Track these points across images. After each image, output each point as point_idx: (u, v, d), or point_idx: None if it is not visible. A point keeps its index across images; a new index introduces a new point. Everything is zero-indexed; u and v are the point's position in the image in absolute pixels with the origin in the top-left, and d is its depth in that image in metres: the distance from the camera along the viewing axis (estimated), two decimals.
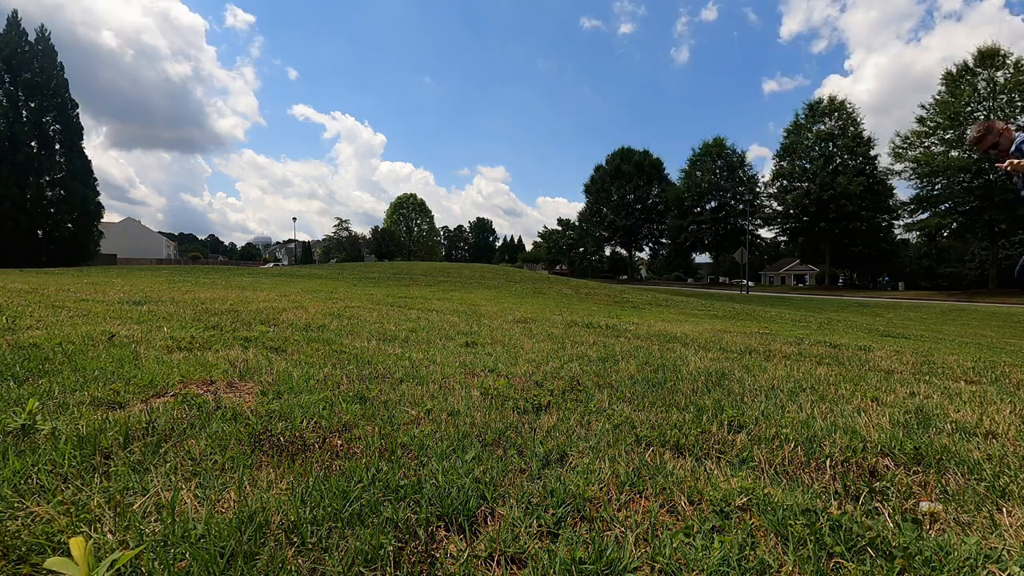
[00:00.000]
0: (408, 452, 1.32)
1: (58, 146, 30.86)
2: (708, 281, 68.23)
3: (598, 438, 1.46)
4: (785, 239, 62.68)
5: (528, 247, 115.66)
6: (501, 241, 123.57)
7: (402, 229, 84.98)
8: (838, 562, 0.90)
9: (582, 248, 79.93)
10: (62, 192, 30.44)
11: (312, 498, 1.04)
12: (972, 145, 3.90)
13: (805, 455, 1.39)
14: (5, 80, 29.25)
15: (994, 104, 39.67)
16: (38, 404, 1.48)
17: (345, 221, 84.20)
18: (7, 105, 28.91)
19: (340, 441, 1.39)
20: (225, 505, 1.02)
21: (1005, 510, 1.10)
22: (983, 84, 40.23)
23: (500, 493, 1.11)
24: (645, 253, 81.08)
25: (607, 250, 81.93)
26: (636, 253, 78.74)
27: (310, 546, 0.90)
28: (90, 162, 31.82)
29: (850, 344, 3.94)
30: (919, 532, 1.00)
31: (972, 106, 40.51)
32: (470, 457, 1.28)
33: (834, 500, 1.13)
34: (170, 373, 2.00)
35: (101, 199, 32.59)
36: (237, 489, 1.07)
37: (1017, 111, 39.13)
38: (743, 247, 40.32)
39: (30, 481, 1.09)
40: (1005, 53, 39.33)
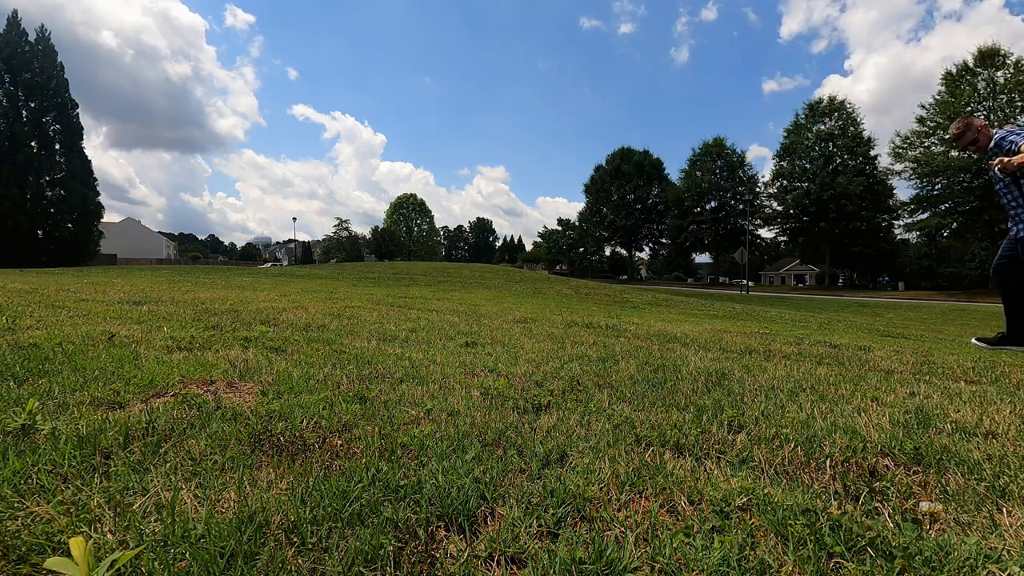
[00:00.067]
0: (408, 452, 1.32)
1: (58, 146, 30.87)
2: (708, 281, 68.24)
3: (598, 438, 1.46)
4: (785, 239, 62.70)
5: (528, 247, 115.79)
6: (501, 241, 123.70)
7: (402, 229, 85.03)
8: (838, 562, 0.90)
9: (582, 248, 79.95)
10: (62, 192, 30.46)
11: (312, 498, 1.04)
12: (952, 141, 4.01)
13: (805, 455, 1.39)
14: (5, 80, 29.26)
15: (994, 104, 39.66)
16: (38, 404, 1.48)
17: (345, 221, 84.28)
18: (7, 105, 28.92)
19: (340, 441, 1.39)
20: (225, 505, 1.02)
21: (1005, 510, 1.10)
22: (983, 84, 40.22)
23: (500, 493, 1.11)
24: (645, 253, 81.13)
25: (607, 250, 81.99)
26: (636, 253, 78.76)
27: (310, 546, 0.90)
28: (90, 162, 31.83)
29: (850, 344, 3.94)
30: (919, 532, 1.00)
31: (972, 106, 40.48)
32: (470, 457, 1.28)
33: (834, 500, 1.13)
34: (170, 373, 2.00)
35: (101, 199, 32.63)
36: (237, 489, 1.07)
37: (1017, 111, 39.11)
38: (743, 247, 40.33)
39: (30, 481, 1.09)
40: (1005, 53, 39.30)
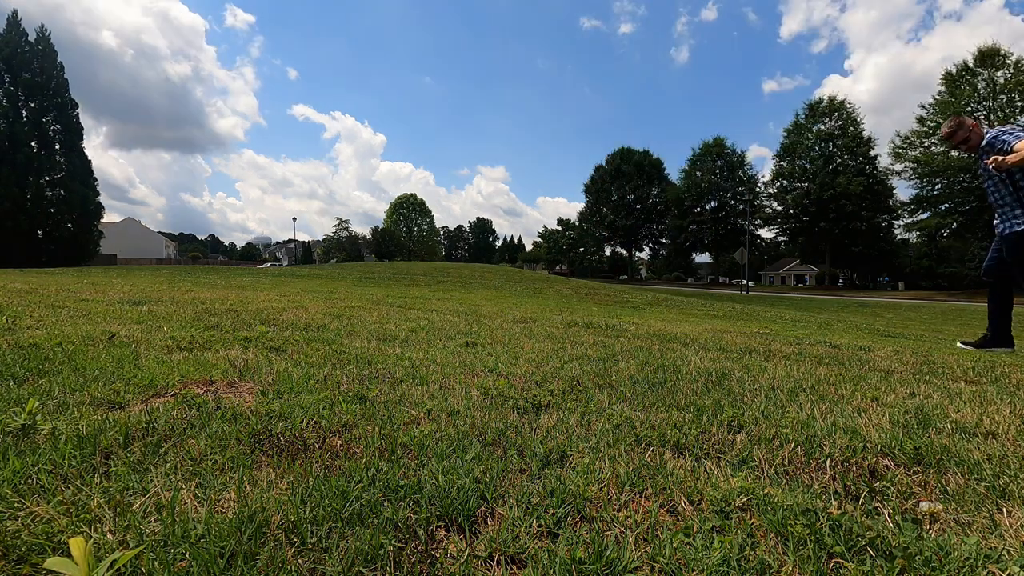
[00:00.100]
0: (408, 452, 1.32)
1: (58, 146, 30.87)
2: (708, 281, 68.23)
3: (598, 438, 1.46)
4: (785, 239, 62.70)
5: (528, 247, 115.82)
6: (501, 241, 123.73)
7: (402, 229, 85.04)
8: (838, 562, 0.90)
9: (582, 248, 79.94)
10: (62, 192, 30.45)
11: (312, 498, 1.04)
12: (944, 140, 4.15)
13: (805, 455, 1.39)
14: (5, 80, 29.25)
15: (994, 104, 39.65)
16: (38, 404, 1.48)
17: (345, 221, 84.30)
18: (7, 105, 28.92)
19: (340, 441, 1.39)
20: (225, 505, 1.02)
21: (1005, 510, 1.10)
22: (983, 84, 40.20)
23: (500, 493, 1.11)
24: (645, 253, 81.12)
25: (607, 250, 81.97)
26: (636, 253, 78.75)
27: (310, 546, 0.90)
28: (90, 162, 31.82)
29: (850, 344, 3.94)
30: (919, 532, 1.00)
31: (972, 106, 40.47)
32: (470, 457, 1.28)
33: (834, 500, 1.13)
34: (170, 373, 2.00)
35: (101, 199, 32.62)
36: (237, 489, 1.07)
37: (1017, 111, 39.09)
38: (743, 247, 40.33)
39: (30, 481, 1.09)
40: (1005, 53, 39.28)
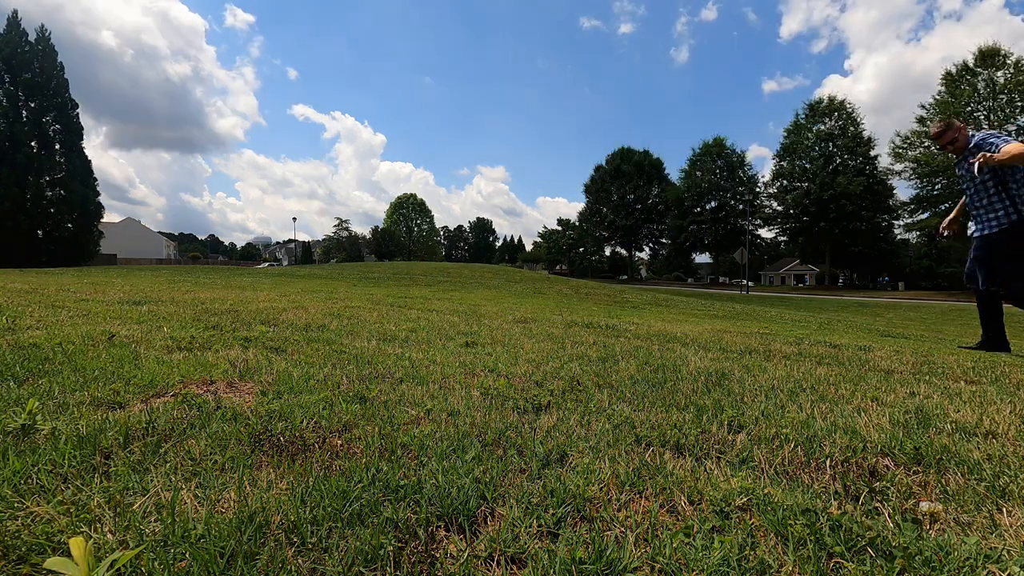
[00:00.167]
0: (408, 452, 1.32)
1: (58, 146, 30.87)
2: (708, 281, 68.24)
3: (598, 438, 1.46)
4: (785, 239, 62.73)
5: (528, 247, 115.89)
6: (501, 241, 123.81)
7: (402, 229, 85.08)
8: (838, 562, 0.90)
9: (582, 248, 79.96)
10: (62, 192, 30.46)
11: (312, 498, 1.04)
12: (933, 139, 4.31)
13: (805, 455, 1.39)
14: (5, 80, 29.26)
15: (994, 104, 39.66)
16: (38, 404, 1.48)
17: (345, 221, 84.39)
18: (7, 105, 28.92)
19: (340, 441, 1.39)
20: (225, 505, 1.02)
21: (1005, 510, 1.10)
22: (983, 84, 40.20)
23: (500, 493, 1.11)
24: (645, 253, 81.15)
25: (607, 250, 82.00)
26: (636, 253, 78.76)
27: (310, 546, 0.90)
28: (90, 162, 31.83)
29: (850, 344, 3.94)
30: (919, 532, 1.00)
31: (972, 106, 40.47)
32: (470, 457, 1.28)
33: (834, 500, 1.13)
34: (170, 373, 2.00)
35: (101, 199, 32.64)
36: (237, 489, 1.07)
37: (1017, 111, 39.11)
38: (743, 247, 40.33)
39: (30, 481, 1.09)
40: (1005, 53, 39.28)
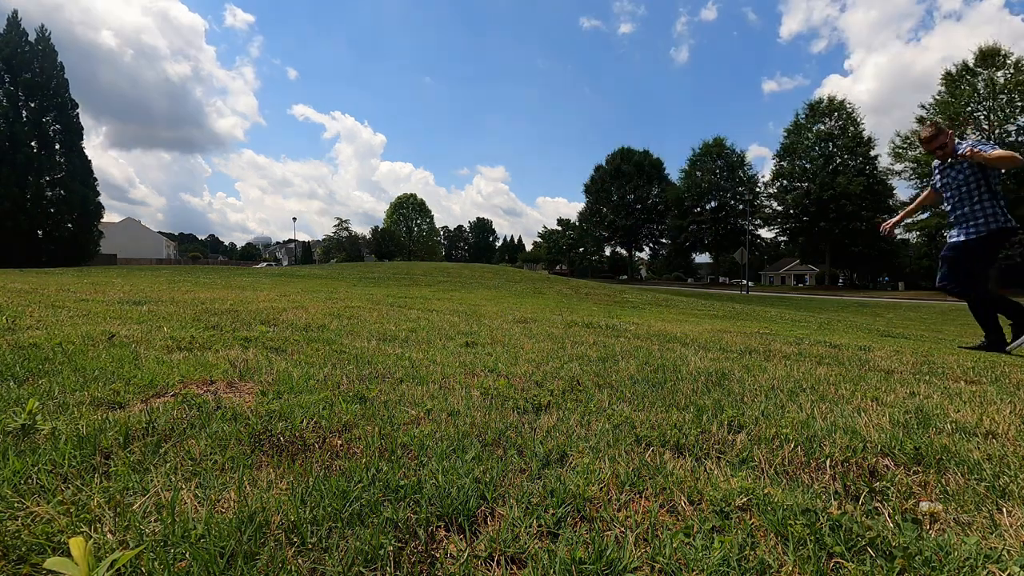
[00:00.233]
0: (408, 452, 1.32)
1: (58, 146, 30.87)
2: (708, 281, 68.25)
3: (598, 438, 1.46)
4: (785, 239, 62.75)
5: (528, 247, 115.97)
6: (501, 241, 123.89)
7: (402, 229, 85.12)
8: (838, 562, 0.90)
9: (582, 248, 79.98)
10: (62, 192, 30.46)
11: (312, 498, 1.04)
12: (923, 142, 4.44)
13: (805, 455, 1.39)
14: (5, 80, 29.26)
15: (994, 104, 39.66)
16: (38, 404, 1.48)
17: (345, 221, 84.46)
18: (7, 105, 28.92)
19: (340, 441, 1.39)
20: (225, 505, 1.02)
21: (1005, 510, 1.10)
22: (983, 84, 40.19)
23: (500, 493, 1.11)
24: (645, 253, 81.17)
25: (607, 250, 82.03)
26: (636, 253, 78.77)
27: (310, 546, 0.90)
28: (90, 162, 31.84)
29: (850, 344, 3.94)
30: (919, 532, 1.00)
31: (972, 106, 40.48)
32: (470, 457, 1.28)
33: (834, 500, 1.13)
34: (170, 373, 2.00)
35: (101, 199, 32.64)
36: (237, 489, 1.07)
37: (1017, 111, 39.11)
38: (743, 247, 40.34)
39: (30, 481, 1.09)
40: (1006, 53, 39.29)
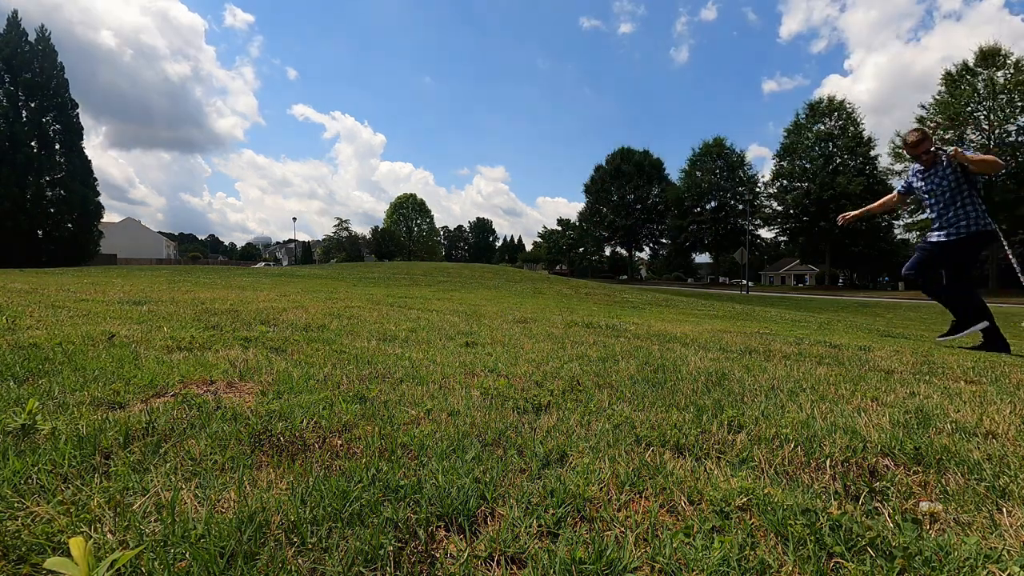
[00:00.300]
0: (408, 452, 1.32)
1: (58, 146, 30.90)
2: (708, 281, 68.27)
3: (598, 438, 1.46)
4: (785, 239, 62.78)
5: (528, 247, 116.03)
6: (501, 241, 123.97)
7: (402, 229, 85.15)
8: (838, 562, 0.90)
9: (582, 248, 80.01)
10: (62, 192, 30.48)
11: (312, 498, 1.04)
12: (910, 146, 4.52)
13: (805, 455, 1.39)
14: (5, 80, 29.27)
15: (994, 104, 39.67)
16: (38, 404, 1.48)
17: (345, 221, 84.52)
18: (7, 105, 28.94)
19: (340, 441, 1.39)
20: (225, 505, 1.02)
21: (1005, 510, 1.10)
22: (983, 84, 40.21)
23: (500, 493, 1.11)
24: (645, 253, 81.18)
25: (607, 250, 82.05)
26: (636, 253, 78.78)
27: (310, 546, 0.90)
28: (90, 162, 31.87)
29: (850, 344, 3.94)
30: (919, 532, 1.00)
31: (972, 106, 40.49)
32: (470, 457, 1.28)
33: (834, 500, 1.13)
34: (170, 373, 2.00)
35: (101, 199, 32.69)
36: (237, 489, 1.07)
37: (1017, 111, 39.12)
38: (743, 247, 40.35)
39: (30, 481, 1.09)
40: (1006, 53, 39.30)
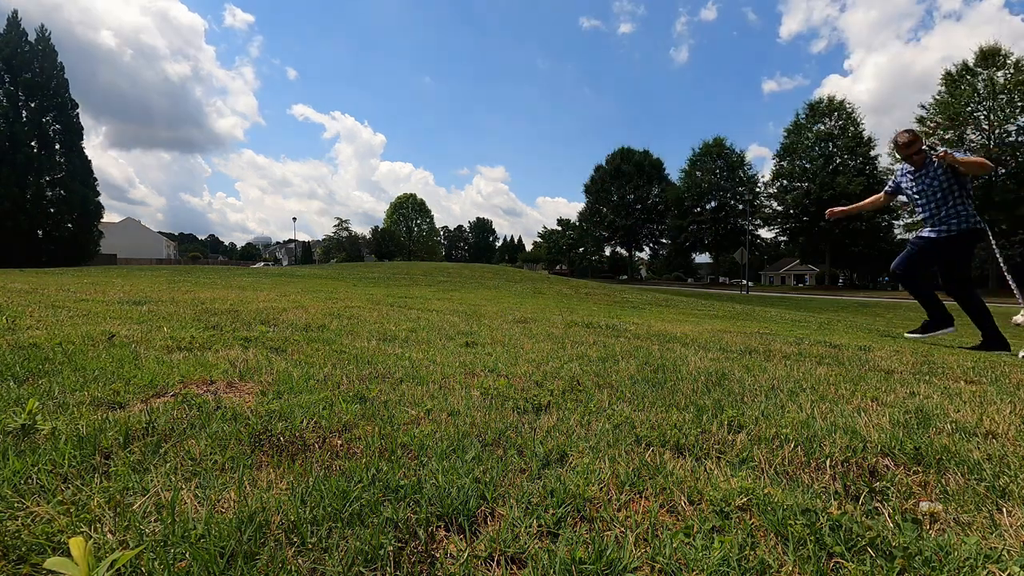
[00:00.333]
0: (408, 452, 1.32)
1: (58, 146, 30.91)
2: (708, 281, 68.28)
3: (598, 438, 1.46)
4: (785, 239, 62.78)
5: (528, 247, 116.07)
6: (501, 241, 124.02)
7: (402, 229, 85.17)
8: (838, 562, 0.90)
9: (582, 248, 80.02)
10: (62, 192, 30.49)
11: (312, 498, 1.04)
12: (901, 146, 4.59)
13: (805, 455, 1.39)
14: (5, 80, 29.27)
15: (994, 104, 39.66)
16: (38, 404, 1.48)
17: (345, 221, 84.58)
18: (7, 105, 28.94)
19: (340, 441, 1.39)
20: (225, 505, 1.02)
21: (1005, 510, 1.10)
22: (983, 84, 40.20)
23: (500, 493, 1.11)
24: (645, 253, 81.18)
25: (607, 250, 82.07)
26: (636, 253, 78.77)
27: (310, 546, 0.90)
28: (90, 162, 31.88)
29: (850, 344, 3.94)
30: (919, 532, 1.00)
31: (972, 106, 40.48)
32: (470, 457, 1.28)
33: (834, 500, 1.13)
34: (170, 373, 2.00)
35: (101, 199, 32.71)
36: (237, 489, 1.07)
37: (1017, 111, 39.11)
38: (743, 247, 40.36)
39: (30, 481, 1.09)
40: (1006, 53, 39.29)
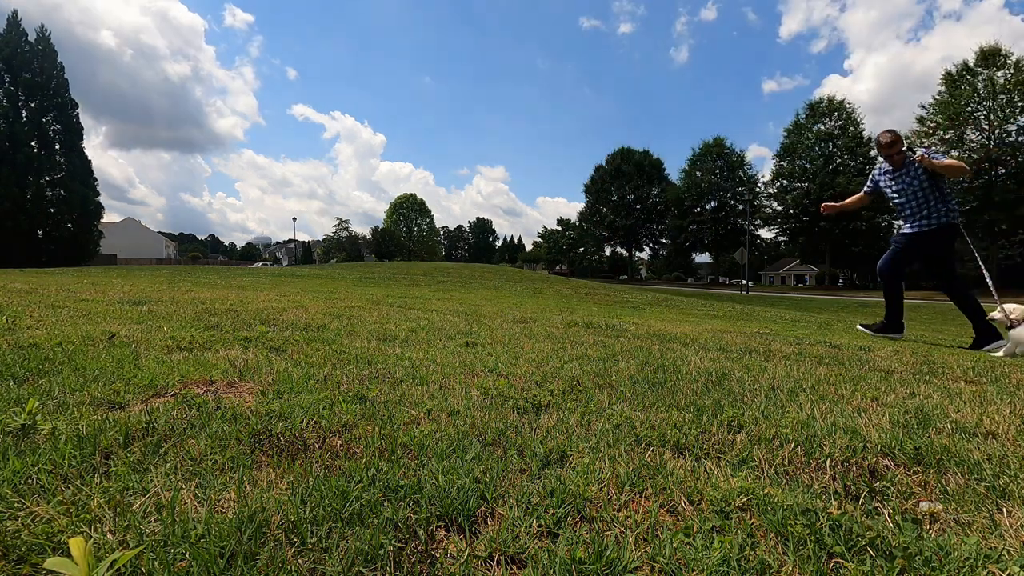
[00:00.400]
0: (408, 452, 1.32)
1: (58, 146, 30.91)
2: (708, 281, 68.29)
3: (598, 438, 1.46)
4: (785, 239, 62.81)
5: (528, 247, 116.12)
6: (501, 241, 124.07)
7: (402, 229, 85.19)
8: (838, 562, 0.90)
9: (582, 248, 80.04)
10: (62, 192, 30.49)
11: (312, 498, 1.04)
12: (884, 145, 4.66)
13: (805, 455, 1.39)
14: (5, 80, 29.28)
15: (994, 104, 39.65)
16: (38, 404, 1.48)
17: (345, 221, 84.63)
18: (7, 105, 28.94)
19: (340, 441, 1.39)
20: (225, 505, 1.02)
21: (1005, 510, 1.10)
22: (983, 84, 40.19)
23: (500, 493, 1.11)
24: (645, 253, 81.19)
25: (607, 250, 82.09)
26: (636, 253, 78.78)
27: (310, 546, 0.90)
28: (90, 162, 31.89)
29: (850, 344, 3.94)
30: (919, 532, 1.00)
31: (972, 106, 40.48)
32: (470, 457, 1.28)
33: (834, 500, 1.13)
34: (170, 373, 2.00)
35: (101, 199, 32.71)
36: (237, 489, 1.07)
37: (1017, 111, 39.11)
38: (743, 247, 40.37)
39: (30, 481, 1.09)
40: (1006, 53, 39.28)
